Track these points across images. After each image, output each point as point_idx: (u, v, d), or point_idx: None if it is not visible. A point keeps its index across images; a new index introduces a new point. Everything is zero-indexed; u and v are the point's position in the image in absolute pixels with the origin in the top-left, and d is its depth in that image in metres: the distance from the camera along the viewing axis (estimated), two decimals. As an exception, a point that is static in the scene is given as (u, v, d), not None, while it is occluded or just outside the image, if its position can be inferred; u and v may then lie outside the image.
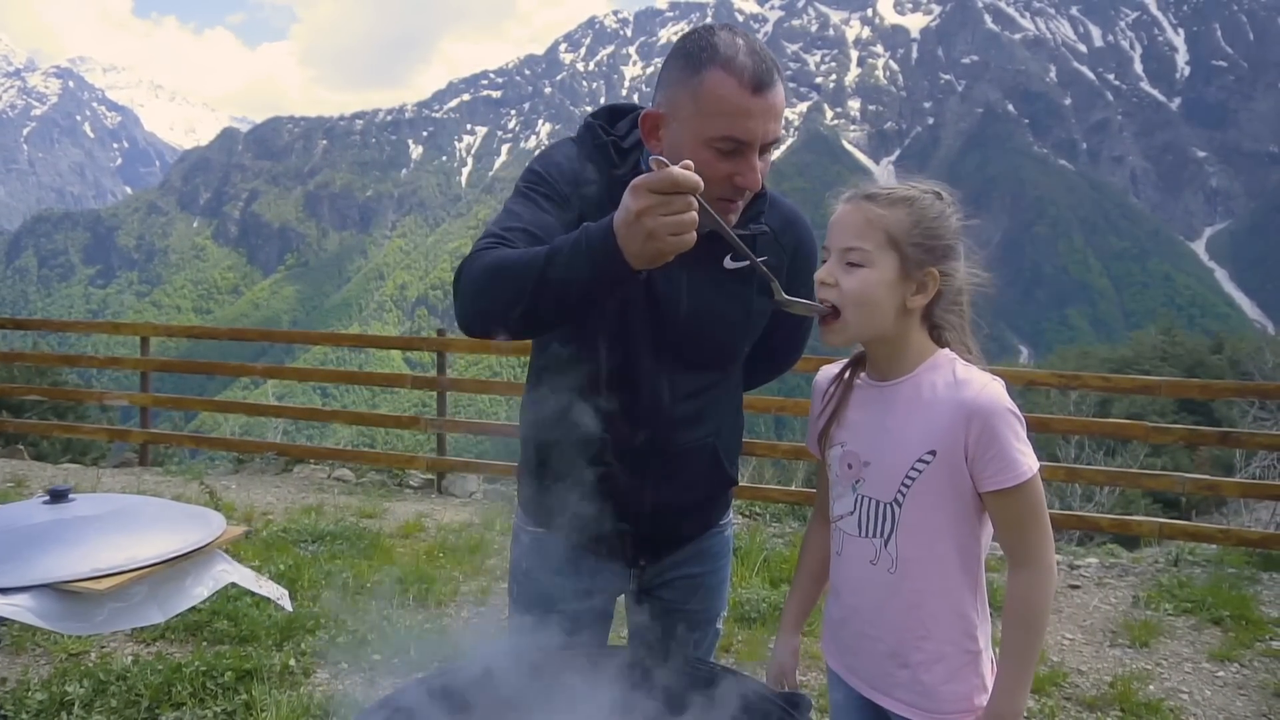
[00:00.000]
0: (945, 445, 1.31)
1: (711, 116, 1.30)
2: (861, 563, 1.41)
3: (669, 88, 1.35)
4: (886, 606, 1.39)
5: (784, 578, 4.56)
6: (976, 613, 1.38)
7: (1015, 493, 1.29)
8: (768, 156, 1.38)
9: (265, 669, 3.25)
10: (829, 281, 1.33)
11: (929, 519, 1.34)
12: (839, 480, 1.44)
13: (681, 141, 1.34)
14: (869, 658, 1.43)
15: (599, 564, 1.57)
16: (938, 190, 1.37)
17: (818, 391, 1.53)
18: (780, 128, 1.36)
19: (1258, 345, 25.25)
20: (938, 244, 1.33)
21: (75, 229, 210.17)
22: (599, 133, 1.46)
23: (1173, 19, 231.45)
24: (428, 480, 6.77)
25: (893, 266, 1.31)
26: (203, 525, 1.89)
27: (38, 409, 9.11)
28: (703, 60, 1.30)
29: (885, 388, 1.39)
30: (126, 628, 1.70)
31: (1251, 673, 3.79)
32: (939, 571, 1.36)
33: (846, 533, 1.43)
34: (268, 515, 5.61)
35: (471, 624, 4.01)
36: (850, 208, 1.36)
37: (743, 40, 1.33)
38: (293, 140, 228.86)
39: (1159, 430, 5.42)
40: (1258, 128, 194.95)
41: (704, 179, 1.25)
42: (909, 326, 1.36)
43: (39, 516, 1.79)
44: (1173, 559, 5.28)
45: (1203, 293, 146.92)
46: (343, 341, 7.45)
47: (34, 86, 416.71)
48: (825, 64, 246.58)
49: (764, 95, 1.30)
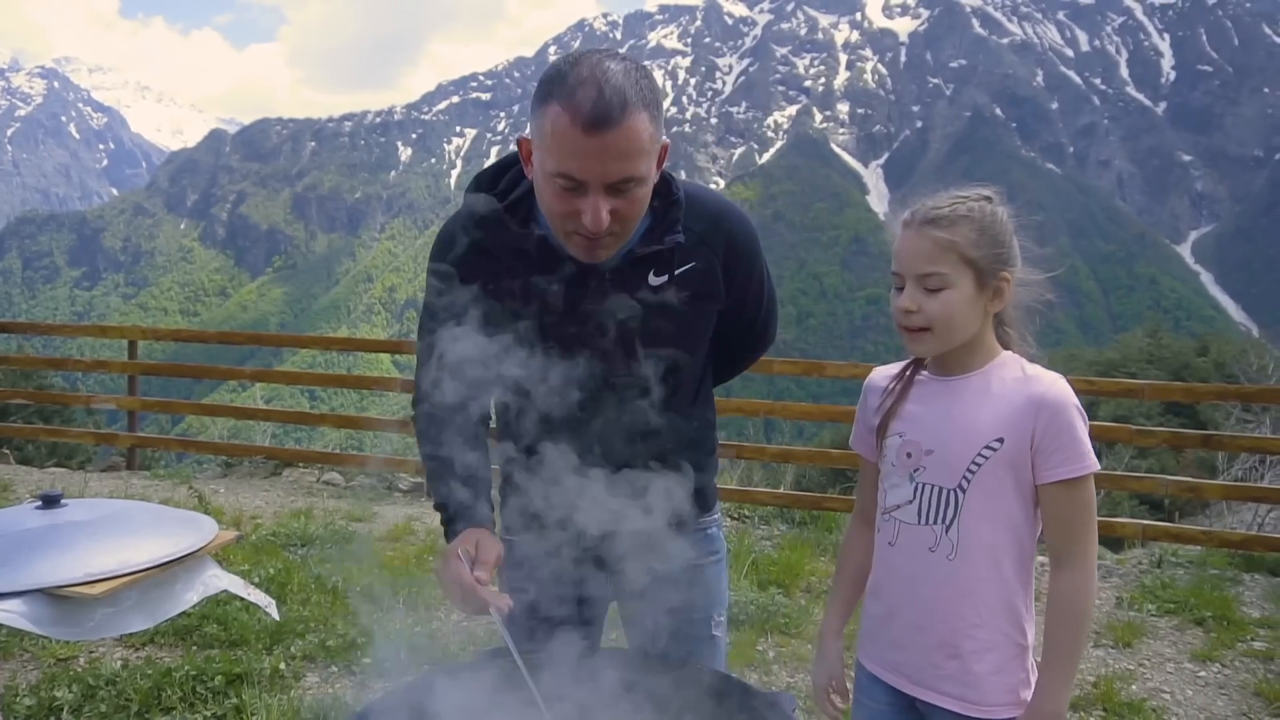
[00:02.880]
0: (1013, 434, 1.35)
1: (550, 152, 1.28)
2: (920, 551, 1.44)
3: (530, 115, 1.34)
4: (941, 594, 1.42)
5: (772, 580, 4.59)
6: (1026, 607, 1.43)
7: (1076, 486, 1.35)
8: (634, 194, 1.31)
9: (255, 673, 3.26)
10: (912, 308, 1.39)
11: (992, 506, 1.38)
12: (896, 470, 1.47)
13: (538, 172, 1.34)
14: (916, 651, 1.46)
15: (576, 570, 1.58)
16: (987, 195, 1.42)
17: (873, 390, 1.57)
18: (634, 166, 1.28)
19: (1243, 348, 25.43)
20: (1003, 249, 1.39)
21: (60, 231, 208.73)
22: (477, 204, 1.46)
23: (1158, 24, 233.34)
24: (417, 483, 6.77)
25: (970, 282, 1.37)
26: (194, 530, 1.90)
27: (22, 413, 9.06)
28: (549, 93, 1.27)
29: (953, 381, 1.44)
30: (117, 633, 1.71)
31: (1233, 672, 3.84)
32: (996, 560, 1.40)
33: (904, 522, 1.46)
34: (256, 519, 5.60)
35: (461, 627, 4.02)
36: (915, 234, 1.40)
37: (600, 73, 1.25)
38: (281, 142, 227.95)
39: (1143, 433, 5.48)
40: (1243, 132, 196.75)
41: (554, 213, 1.35)
42: (986, 326, 1.43)
43: (31, 522, 1.80)
44: (1156, 560, 5.34)
45: (1188, 296, 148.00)
46: (332, 345, 7.42)
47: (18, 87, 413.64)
48: (814, 67, 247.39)
49: (598, 134, 1.24)
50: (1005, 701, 1.41)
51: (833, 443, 9.78)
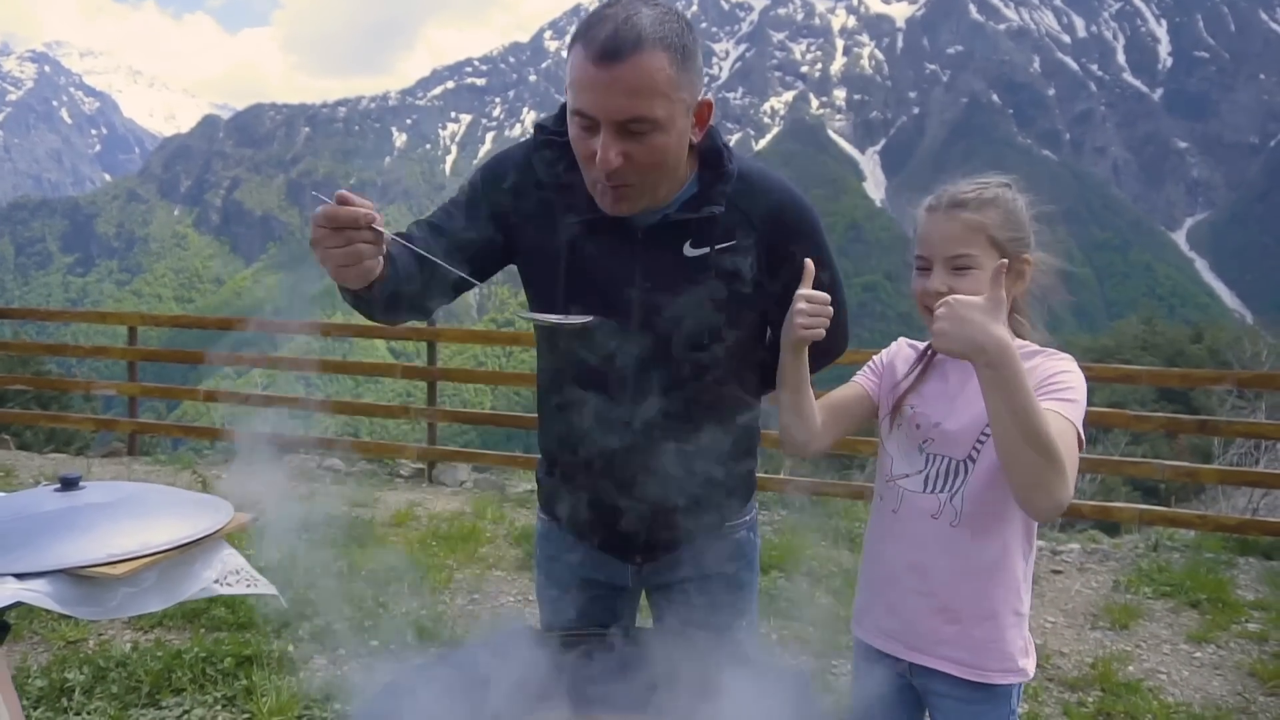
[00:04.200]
0: None
1: (569, 88, 1.29)
2: (922, 517, 1.47)
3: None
4: (942, 560, 1.45)
5: (772, 564, 4.63)
6: (1024, 577, 1.47)
7: (1054, 417, 1.28)
8: (652, 140, 1.27)
9: (264, 655, 3.29)
10: (941, 290, 1.39)
11: (997, 478, 1.40)
12: (907, 441, 1.51)
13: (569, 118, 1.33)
14: (915, 615, 1.48)
15: (601, 556, 1.58)
16: (1007, 182, 1.46)
17: (900, 360, 1.59)
18: (646, 106, 1.23)
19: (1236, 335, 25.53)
20: (1023, 234, 1.43)
21: (53, 216, 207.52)
22: (538, 132, 1.45)
23: (1155, 10, 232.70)
24: (418, 469, 6.80)
25: (995, 264, 1.36)
26: (212, 512, 1.92)
27: (20, 398, 9.06)
28: (576, 33, 1.27)
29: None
30: (137, 612, 1.74)
31: (1227, 653, 3.90)
32: (998, 529, 1.43)
33: (908, 490, 1.49)
34: (259, 505, 5.62)
35: (465, 610, 4.06)
36: (944, 217, 1.43)
37: (624, 11, 1.23)
38: (275, 127, 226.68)
39: (1139, 419, 5.53)
40: (1238, 119, 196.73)
41: (580, 159, 1.34)
42: (1006, 311, 1.43)
43: (51, 504, 1.81)
44: (1152, 544, 5.39)
45: (1183, 283, 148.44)
46: (333, 331, 7.41)
47: (9, 71, 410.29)
48: (811, 53, 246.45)
49: (606, 66, 1.21)
50: (1003, 668, 1.45)
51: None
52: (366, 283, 1.22)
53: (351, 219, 1.15)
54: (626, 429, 1.45)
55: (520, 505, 5.85)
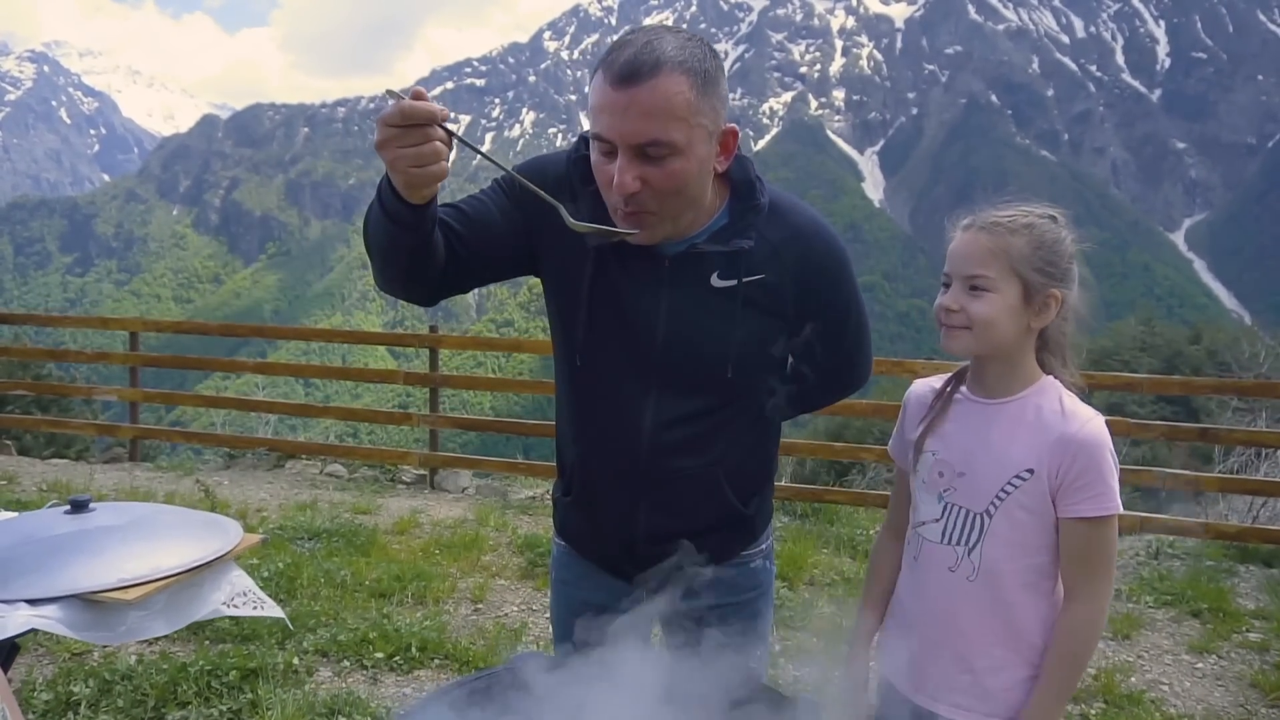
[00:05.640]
0: (1043, 468, 1.37)
1: (590, 113, 1.29)
2: (940, 569, 1.46)
3: None
4: (960, 613, 1.44)
5: (776, 573, 4.63)
6: (1044, 635, 1.43)
7: (1096, 524, 1.36)
8: (670, 165, 1.26)
9: (269, 668, 3.29)
10: (955, 308, 1.39)
11: (1016, 534, 1.39)
12: (926, 486, 1.48)
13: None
14: (932, 664, 1.47)
15: (614, 582, 1.56)
16: (1053, 214, 1.42)
17: (914, 402, 1.58)
18: (663, 129, 1.23)
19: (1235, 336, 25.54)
20: (1056, 267, 1.39)
21: (52, 216, 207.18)
22: (580, 146, 1.42)
23: (1154, 10, 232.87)
24: (420, 476, 6.80)
25: (1016, 292, 1.37)
26: (220, 534, 1.93)
27: (19, 403, 9.05)
28: (600, 58, 1.28)
29: (990, 405, 1.45)
30: (146, 636, 1.74)
31: (1229, 664, 3.91)
32: (1017, 586, 1.41)
33: (926, 539, 1.48)
34: (262, 512, 5.63)
35: (470, 621, 4.06)
36: (971, 236, 1.40)
37: (647, 36, 1.25)
38: (274, 127, 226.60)
39: (1140, 426, 5.54)
40: (1236, 119, 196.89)
41: (600, 182, 1.33)
42: (1026, 346, 1.42)
43: (61, 527, 1.83)
44: (1153, 551, 5.40)
45: (1181, 283, 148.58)
46: (334, 338, 7.42)
47: (8, 71, 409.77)
48: (810, 53, 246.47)
49: (624, 89, 1.22)
50: (1016, 716, 1.44)
51: (832, 434, 9.83)
52: (433, 191, 1.21)
53: (428, 114, 1.12)
54: (645, 455, 1.45)
55: (523, 512, 5.85)
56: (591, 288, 1.42)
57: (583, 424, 1.52)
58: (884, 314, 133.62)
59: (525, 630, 3.92)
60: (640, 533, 1.49)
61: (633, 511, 1.49)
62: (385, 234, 1.27)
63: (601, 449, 1.49)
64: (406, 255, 1.30)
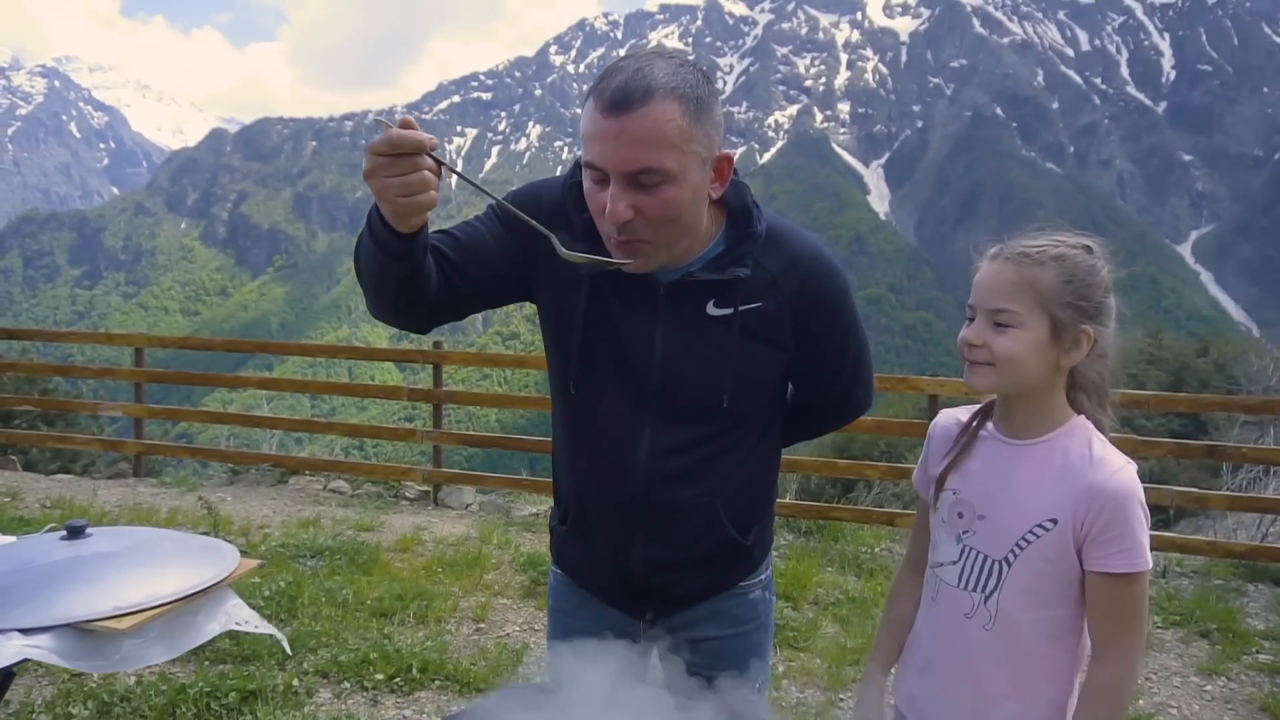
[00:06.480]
0: (1067, 517, 1.29)
1: (583, 140, 1.28)
2: (956, 614, 1.39)
3: None
4: (975, 661, 1.37)
5: (779, 592, 4.60)
6: (1064, 688, 1.36)
7: (1124, 580, 1.27)
8: (663, 192, 1.25)
9: (269, 689, 3.28)
10: (977, 343, 1.31)
11: (1037, 584, 1.32)
12: (946, 526, 1.41)
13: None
14: (946, 707, 1.41)
15: (611, 612, 1.55)
16: (1088, 244, 1.33)
17: (939, 435, 1.49)
18: (655, 157, 1.22)
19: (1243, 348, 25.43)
20: (1089, 302, 1.29)
21: (61, 229, 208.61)
22: (574, 172, 1.40)
23: (1158, 23, 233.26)
24: (423, 492, 6.79)
25: (1044, 327, 1.29)
26: (218, 560, 1.92)
27: (26, 416, 9.08)
28: (592, 85, 1.27)
29: (1017, 446, 1.36)
30: (141, 665, 1.73)
31: (1239, 686, 3.86)
32: (1035, 636, 1.33)
33: (944, 581, 1.41)
34: (264, 529, 5.62)
35: (471, 640, 4.04)
36: (998, 267, 1.32)
37: (638, 63, 1.24)
38: (281, 141, 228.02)
39: (1148, 444, 5.50)
40: (1242, 131, 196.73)
41: (593, 210, 1.32)
42: (1055, 385, 1.34)
43: (57, 554, 1.82)
44: (1161, 570, 5.36)
45: (1189, 295, 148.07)
46: (339, 354, 7.43)
47: (19, 86, 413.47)
48: (815, 67, 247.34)
49: (615, 116, 1.21)
50: None
51: (838, 450, 9.79)
52: (422, 220, 1.19)
53: (417, 143, 1.11)
54: (641, 485, 1.43)
55: (526, 529, 5.83)
56: (586, 315, 1.41)
57: (577, 452, 1.51)
58: (890, 327, 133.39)
59: (527, 651, 3.89)
60: (636, 563, 1.48)
61: (628, 542, 1.47)
62: (375, 263, 1.26)
63: (597, 478, 1.48)
64: (396, 283, 1.29)
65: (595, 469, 1.48)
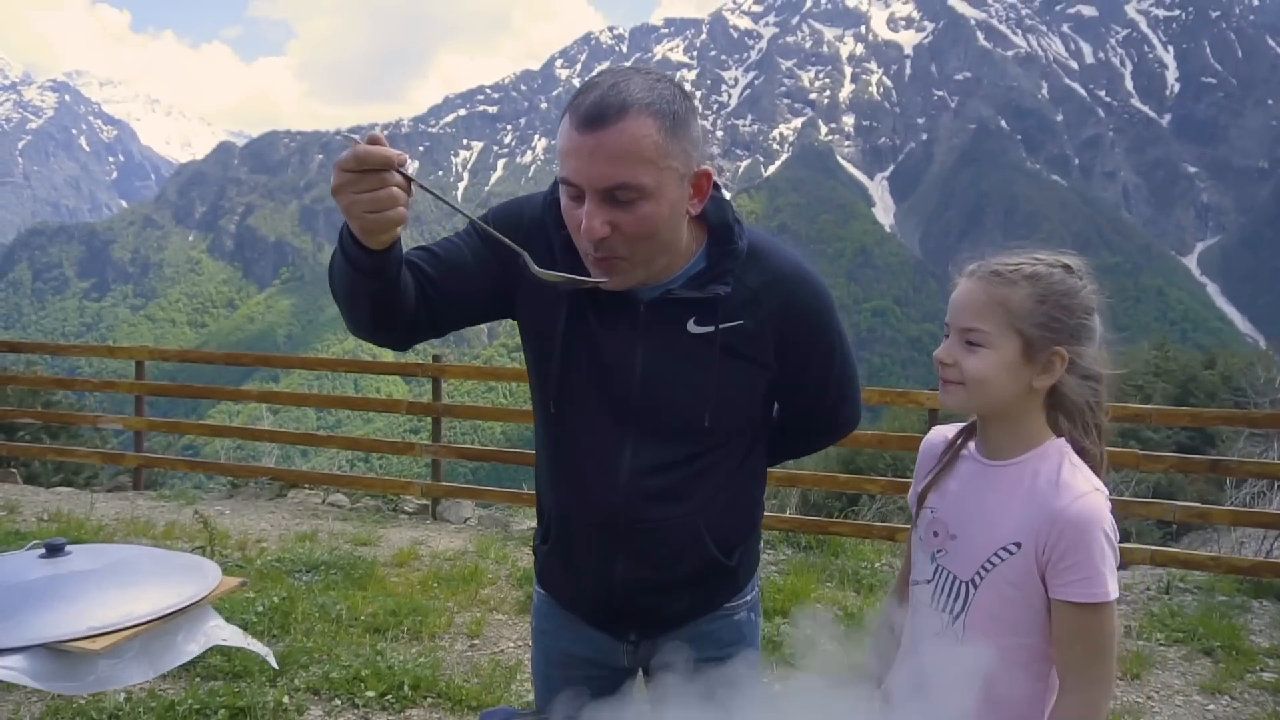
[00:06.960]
0: (1030, 542, 1.26)
1: (559, 157, 1.27)
2: (927, 633, 1.39)
3: None
4: (944, 683, 1.33)
5: (777, 609, 4.56)
6: (1033, 712, 1.33)
7: (1087, 611, 1.24)
8: (639, 209, 1.23)
9: (259, 706, 3.25)
10: (948, 361, 1.29)
11: (1003, 610, 1.30)
12: (922, 545, 1.41)
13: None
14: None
15: (595, 634, 1.53)
16: (1067, 263, 1.29)
17: (925, 453, 1.48)
18: (631, 173, 1.20)
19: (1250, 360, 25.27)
20: (1064, 323, 1.26)
21: (70, 242, 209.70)
22: (554, 189, 1.39)
23: (1163, 36, 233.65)
24: (422, 506, 6.76)
25: (1014, 348, 1.26)
26: (198, 578, 1.90)
27: (29, 429, 9.10)
28: (568, 101, 1.26)
29: (991, 467, 1.34)
30: (117, 686, 1.71)
31: (1241, 705, 3.80)
32: (1003, 660, 1.29)
33: (919, 600, 1.41)
34: (262, 543, 5.60)
35: (465, 657, 4.00)
36: (971, 285, 1.29)
37: (614, 79, 1.23)
38: (289, 154, 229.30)
39: (1151, 458, 5.46)
40: (1247, 143, 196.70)
41: (570, 227, 1.31)
42: (1031, 406, 1.30)
43: (35, 572, 1.80)
44: (1164, 586, 5.30)
45: (1195, 307, 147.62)
46: (339, 367, 7.45)
47: (30, 100, 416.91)
48: (819, 80, 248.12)
49: (590, 132, 1.20)
50: None
51: (841, 463, 9.74)
52: (392, 237, 1.17)
53: (383, 159, 1.10)
54: (622, 504, 1.41)
55: (524, 544, 5.80)
56: (565, 333, 1.40)
57: (559, 471, 1.49)
58: (895, 339, 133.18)
59: (520, 668, 3.85)
60: (618, 584, 1.45)
61: (610, 562, 1.45)
62: (348, 280, 1.25)
63: (578, 497, 1.46)
64: (369, 301, 1.28)
65: (576, 488, 1.46)
